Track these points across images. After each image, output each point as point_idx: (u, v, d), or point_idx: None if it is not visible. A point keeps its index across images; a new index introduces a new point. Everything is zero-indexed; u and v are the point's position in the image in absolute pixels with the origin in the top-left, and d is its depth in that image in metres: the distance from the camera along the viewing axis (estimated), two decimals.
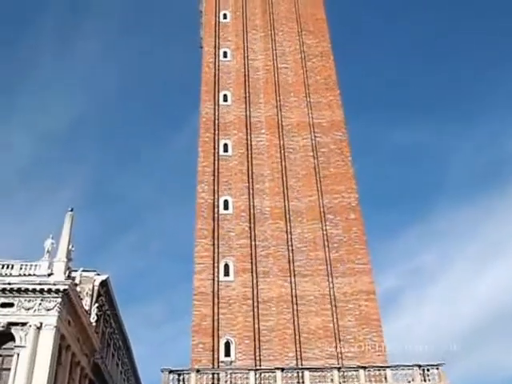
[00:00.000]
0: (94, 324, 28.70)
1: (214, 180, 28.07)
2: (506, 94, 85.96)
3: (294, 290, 24.78)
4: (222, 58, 32.93)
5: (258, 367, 21.88)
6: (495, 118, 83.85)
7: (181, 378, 20.73)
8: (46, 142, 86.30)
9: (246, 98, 31.18)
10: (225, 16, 35.08)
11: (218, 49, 33.37)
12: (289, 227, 26.63)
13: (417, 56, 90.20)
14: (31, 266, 25.28)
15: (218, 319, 23.96)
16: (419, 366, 20.82)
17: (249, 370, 21.12)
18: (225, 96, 31.45)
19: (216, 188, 27.89)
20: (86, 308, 28.00)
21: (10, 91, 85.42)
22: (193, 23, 44.38)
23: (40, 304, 24.11)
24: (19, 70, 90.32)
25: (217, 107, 30.76)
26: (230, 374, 20.85)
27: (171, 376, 20.76)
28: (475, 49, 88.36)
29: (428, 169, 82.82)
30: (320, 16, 34.80)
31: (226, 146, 29.46)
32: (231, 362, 22.70)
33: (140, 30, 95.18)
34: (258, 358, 22.81)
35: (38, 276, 24.82)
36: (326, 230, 26.39)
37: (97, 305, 29.35)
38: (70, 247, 25.72)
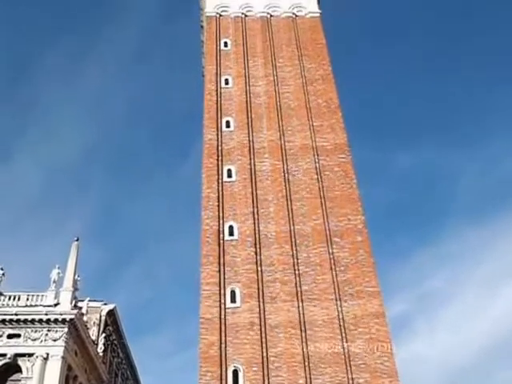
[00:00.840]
0: (101, 354, 28.49)
1: (218, 206, 28.03)
2: None
3: (301, 315, 24.45)
4: (223, 84, 33.30)
5: None
6: (502, 138, 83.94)
7: None
8: (55, 173, 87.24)
9: (248, 123, 31.37)
10: (225, 44, 35.59)
11: (220, 76, 33.75)
12: (295, 251, 26.44)
13: (420, 78, 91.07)
14: (38, 296, 25.29)
15: (226, 347, 23.62)
16: None
17: None
18: (227, 122, 31.67)
19: (221, 214, 27.83)
20: (93, 338, 27.83)
21: (19, 123, 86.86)
22: (195, 53, 45.14)
23: (47, 334, 24.04)
24: (27, 101, 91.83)
25: (220, 133, 30.94)
26: None
27: None
28: (480, 69, 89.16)
29: (435, 191, 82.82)
30: (320, 41, 35.24)
31: (229, 171, 29.53)
32: None
33: (146, 61, 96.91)
34: None
35: (44, 306, 24.81)
36: (332, 253, 26.17)
37: (104, 335, 29.18)
38: (77, 277, 25.73)
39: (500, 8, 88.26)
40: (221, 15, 37.00)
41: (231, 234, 27.19)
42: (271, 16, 37.21)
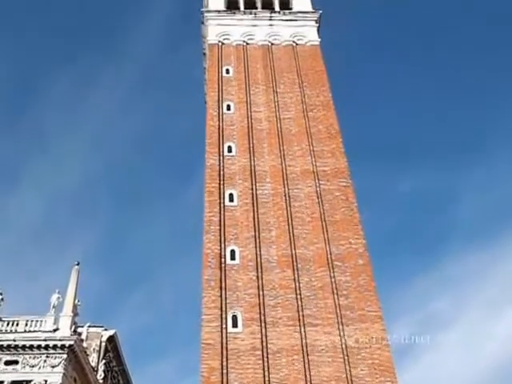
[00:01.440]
0: (101, 381, 28.07)
1: (220, 230, 28.04)
2: None
3: (304, 340, 24.21)
4: (225, 110, 33.71)
5: None
6: (503, 159, 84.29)
7: None
8: (58, 200, 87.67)
9: (250, 148, 31.65)
10: (227, 71, 36.15)
11: (222, 102, 34.18)
12: (296, 275, 26.34)
13: (420, 102, 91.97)
14: (37, 321, 25.05)
15: (227, 372, 23.32)
16: None
17: None
18: (229, 147, 31.93)
19: (222, 238, 27.82)
20: (93, 364, 27.46)
21: (24, 150, 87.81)
22: (198, 80, 45.81)
23: (45, 361, 23.73)
24: (32, 129, 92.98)
25: (222, 158, 31.17)
26: None
27: None
28: (479, 89, 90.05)
29: (436, 214, 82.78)
30: (319, 68, 35.84)
31: (231, 195, 29.63)
32: None
33: (150, 88, 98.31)
34: None
35: (43, 332, 24.54)
36: (334, 277, 26.07)
37: (104, 361, 28.81)
38: (77, 302, 25.54)
39: (503, 26, 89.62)
40: (223, 43, 37.69)
41: (233, 258, 27.13)
42: (272, 44, 37.91)
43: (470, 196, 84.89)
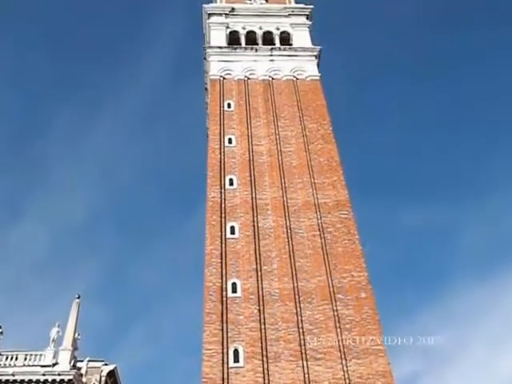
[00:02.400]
0: None
1: (221, 263, 27.96)
2: None
3: (306, 375, 23.86)
4: (227, 144, 34.07)
5: None
6: (504, 194, 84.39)
7: None
8: (61, 232, 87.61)
9: (251, 181, 31.85)
10: (229, 105, 36.70)
11: (223, 136, 34.58)
12: (299, 309, 26.13)
13: (421, 134, 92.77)
14: (36, 355, 24.80)
15: None
16: None
17: None
18: (231, 180, 32.13)
19: (224, 271, 27.71)
20: None
21: (28, 181, 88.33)
22: (200, 114, 46.44)
23: None
24: (36, 160, 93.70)
25: (223, 191, 31.34)
26: None
27: None
28: (479, 124, 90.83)
29: (439, 246, 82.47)
30: (319, 102, 36.42)
31: (232, 228, 29.65)
32: None
33: (153, 121, 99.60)
34: None
35: (42, 366, 24.26)
36: (336, 310, 25.86)
37: None
38: (77, 335, 25.30)
39: (501, 52, 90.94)
40: (224, 78, 38.36)
41: (234, 291, 26.96)
42: (273, 79, 38.59)
43: (473, 229, 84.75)
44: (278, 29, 42.38)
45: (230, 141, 34.38)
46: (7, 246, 78.38)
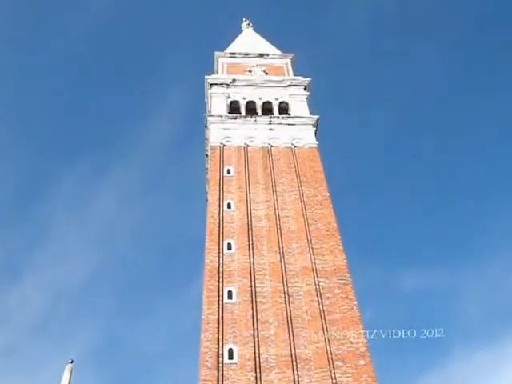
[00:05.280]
0: None
1: (218, 328, 27.62)
2: None
3: None
4: (226, 208, 34.58)
5: None
6: (507, 256, 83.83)
7: None
8: (60, 297, 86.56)
9: (249, 245, 32.05)
10: (228, 171, 37.54)
11: (222, 201, 35.13)
12: (296, 376, 25.57)
13: (419, 198, 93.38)
14: None
15: None
16: None
17: None
18: (229, 244, 32.32)
19: (220, 336, 27.33)
20: None
21: (29, 242, 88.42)
22: (200, 179, 47.27)
23: None
24: (38, 221, 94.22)
25: (221, 255, 31.45)
26: None
27: None
28: (478, 186, 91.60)
29: (440, 311, 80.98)
30: (317, 169, 37.32)
31: (230, 293, 29.51)
32: None
33: (152, 186, 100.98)
34: None
35: None
36: (335, 377, 25.29)
37: None
38: None
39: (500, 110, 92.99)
40: (225, 145, 39.48)
41: (231, 357, 26.47)
42: (272, 146, 39.71)
43: (474, 293, 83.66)
44: (276, 99, 44.06)
45: (229, 205, 34.89)
46: (5, 307, 77.57)
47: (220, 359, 26.23)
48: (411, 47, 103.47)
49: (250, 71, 47.04)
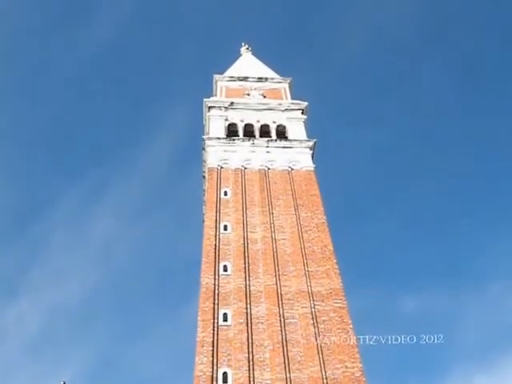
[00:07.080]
0: None
1: (212, 351, 27.40)
2: None
3: None
4: (222, 230, 34.62)
5: None
6: (508, 278, 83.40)
7: None
8: (56, 317, 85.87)
9: (245, 268, 32.01)
10: (225, 193, 37.69)
11: (219, 223, 35.19)
12: None
13: (417, 221, 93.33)
14: None
15: None
16: None
17: None
18: (225, 266, 32.28)
19: (215, 360, 27.11)
20: None
21: (26, 262, 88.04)
22: (197, 200, 47.36)
23: None
24: (35, 242, 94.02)
25: (217, 277, 31.37)
26: None
27: None
28: (477, 204, 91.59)
29: (439, 334, 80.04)
30: (314, 192, 37.47)
31: (225, 315, 29.37)
32: None
33: (151, 207, 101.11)
34: None
35: None
36: None
37: None
38: None
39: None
40: (222, 167, 39.70)
41: (225, 381, 26.22)
42: (268, 169, 39.95)
43: (474, 317, 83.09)
44: (274, 122, 44.49)
45: (225, 227, 34.93)
46: (1, 326, 76.94)
47: (214, 383, 26.00)
48: (409, 69, 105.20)
49: (248, 94, 47.58)
